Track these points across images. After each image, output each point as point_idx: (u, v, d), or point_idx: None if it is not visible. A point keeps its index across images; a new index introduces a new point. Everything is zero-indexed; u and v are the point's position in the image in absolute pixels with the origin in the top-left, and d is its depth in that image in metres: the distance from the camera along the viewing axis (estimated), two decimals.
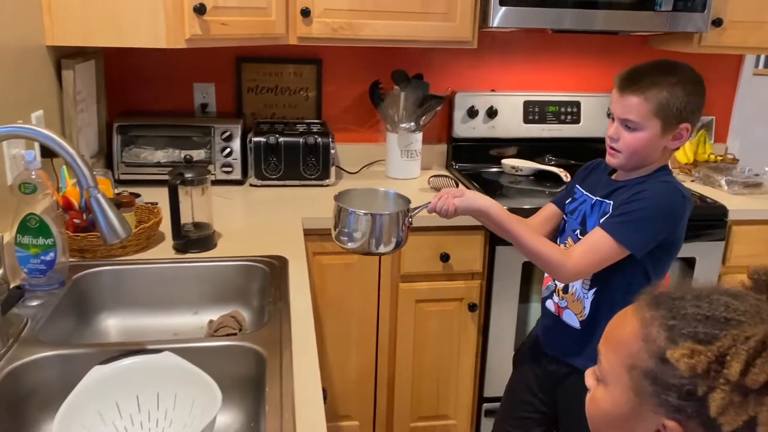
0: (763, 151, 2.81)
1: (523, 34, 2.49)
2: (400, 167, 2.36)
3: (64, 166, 1.60)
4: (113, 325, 1.48)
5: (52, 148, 1.01)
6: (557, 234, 1.56)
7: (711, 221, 2.13)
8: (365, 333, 2.07)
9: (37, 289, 1.35)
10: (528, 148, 2.52)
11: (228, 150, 2.18)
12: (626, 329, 0.68)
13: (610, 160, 1.41)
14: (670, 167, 1.43)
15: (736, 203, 2.17)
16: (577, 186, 1.54)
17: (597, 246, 1.34)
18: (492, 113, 2.47)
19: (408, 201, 1.47)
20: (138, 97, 2.34)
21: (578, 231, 1.46)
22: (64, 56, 1.80)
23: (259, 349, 1.16)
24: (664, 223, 1.35)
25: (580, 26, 2.13)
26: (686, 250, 2.09)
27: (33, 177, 1.32)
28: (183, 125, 2.20)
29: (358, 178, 2.40)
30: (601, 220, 1.39)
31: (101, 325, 1.47)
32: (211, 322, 1.46)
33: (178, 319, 1.51)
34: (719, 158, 2.52)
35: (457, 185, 2.22)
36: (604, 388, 0.70)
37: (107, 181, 1.65)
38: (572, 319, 1.48)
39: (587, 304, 1.45)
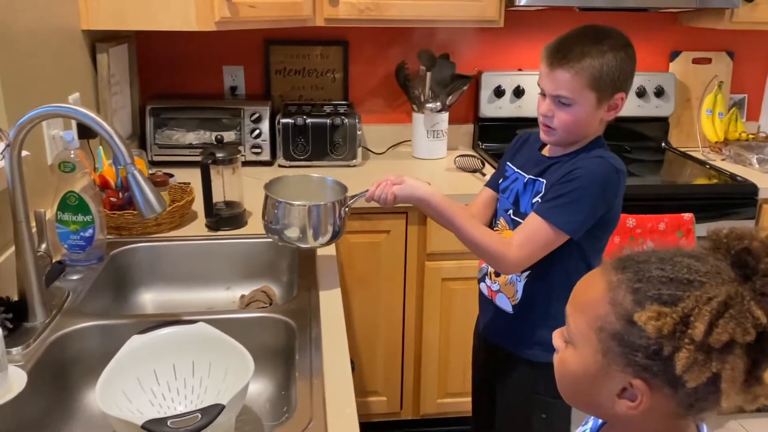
0: None
1: (550, 13, 2.47)
2: (426, 148, 2.37)
3: (101, 147, 1.66)
4: (149, 299, 1.54)
5: (91, 126, 1.06)
6: None
7: (741, 199, 2.10)
8: (392, 311, 2.10)
9: (76, 264, 1.41)
10: None
11: (257, 131, 2.22)
12: (593, 292, 0.70)
13: (545, 137, 1.34)
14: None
15: (767, 181, 2.14)
16: (507, 163, 1.47)
17: (535, 234, 1.28)
18: (519, 93, 2.46)
19: (345, 189, 1.40)
20: (169, 80, 2.39)
21: (510, 211, 1.40)
22: (98, 40, 1.85)
23: (289, 320, 1.21)
24: (599, 200, 1.27)
25: (609, 3, 2.12)
26: (712, 228, 2.09)
27: (72, 156, 1.37)
28: (213, 107, 2.24)
29: (385, 158, 2.42)
30: (535, 203, 1.33)
31: (138, 299, 1.52)
32: (242, 296, 1.51)
33: (211, 294, 1.56)
34: (751, 136, 2.48)
35: (483, 165, 2.23)
36: (572, 350, 0.72)
37: (142, 161, 1.70)
38: (505, 303, 1.43)
39: (520, 287, 1.39)
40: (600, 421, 0.80)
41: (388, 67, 2.43)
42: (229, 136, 2.23)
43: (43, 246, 1.28)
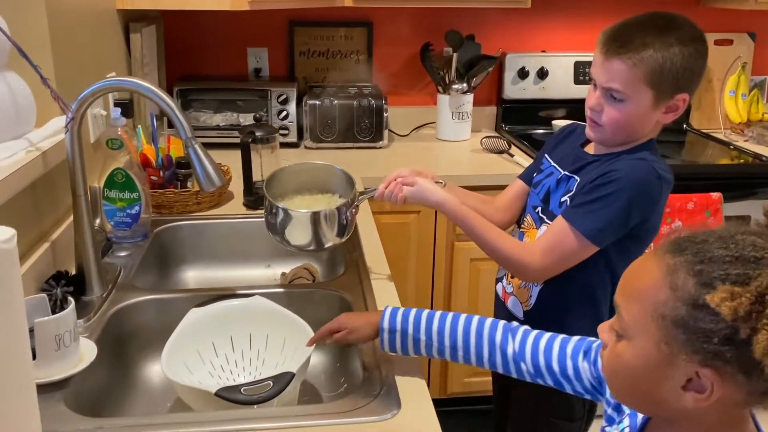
0: None
1: None
2: (450, 129, 2.38)
3: (140, 126, 1.66)
4: (192, 276, 1.55)
5: (153, 100, 1.07)
6: None
7: (766, 179, 2.12)
8: (421, 290, 2.11)
9: (122, 241, 1.42)
10: (578, 109, 2.47)
11: (284, 113, 2.23)
12: (647, 278, 0.65)
13: (590, 134, 1.20)
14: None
15: None
16: (546, 156, 1.34)
17: (560, 240, 1.15)
18: (543, 74, 2.47)
19: (352, 182, 1.28)
20: (193, 62, 2.38)
21: (539, 209, 1.28)
22: (130, 20, 1.85)
23: (344, 293, 1.22)
24: (634, 207, 1.12)
25: None
26: (741, 208, 2.11)
27: (119, 133, 1.37)
28: (240, 89, 2.24)
29: (409, 140, 2.43)
30: (563, 201, 1.21)
31: (181, 276, 1.53)
32: (283, 274, 1.52)
33: (252, 272, 1.57)
34: None
35: (510, 146, 2.24)
36: (627, 343, 0.66)
37: (179, 141, 1.70)
38: (517, 308, 1.31)
39: (534, 293, 1.27)
40: (640, 417, 0.75)
41: (412, 48, 2.43)
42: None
43: (97, 221, 1.29)
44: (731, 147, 2.34)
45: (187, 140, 1.09)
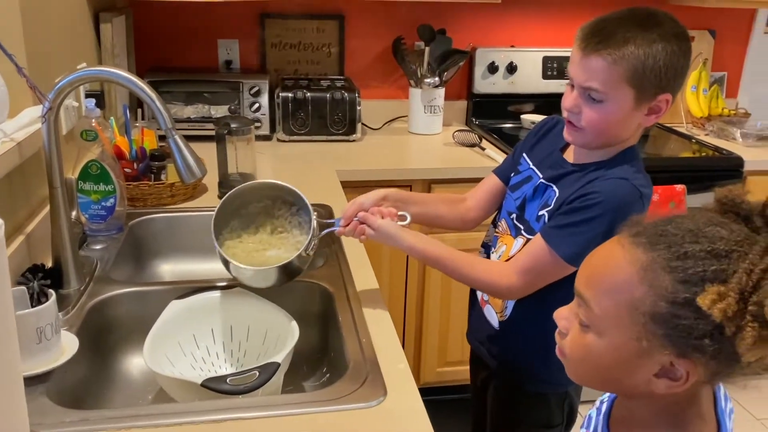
0: None
1: None
2: (422, 123, 2.40)
3: (112, 118, 1.64)
4: (167, 270, 1.53)
5: (132, 90, 1.06)
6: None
7: (728, 171, 2.20)
8: (395, 282, 2.13)
9: (97, 234, 1.40)
10: (547, 104, 2.56)
11: (257, 105, 2.21)
12: (620, 273, 0.65)
13: (569, 137, 1.14)
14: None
15: (750, 155, 2.23)
16: (524, 156, 1.28)
17: (538, 260, 1.12)
18: (512, 69, 2.51)
19: (309, 212, 1.16)
20: (163, 53, 2.35)
21: (515, 216, 1.25)
22: (100, 10, 1.82)
23: (325, 285, 1.23)
24: (616, 229, 1.06)
25: None
26: (703, 199, 2.17)
27: (93, 125, 1.35)
28: (212, 81, 2.22)
29: (382, 133, 2.44)
30: (542, 215, 1.17)
31: (157, 269, 1.52)
32: None
33: None
34: (732, 112, 2.58)
35: (481, 140, 2.27)
36: (596, 336, 0.67)
37: (152, 132, 1.69)
38: (492, 317, 1.29)
39: (510, 305, 1.24)
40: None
41: (384, 42, 2.44)
42: (226, 110, 2.22)
43: (74, 213, 1.27)
44: (693, 141, 2.41)
45: (168, 131, 1.08)
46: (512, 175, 1.30)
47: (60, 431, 0.81)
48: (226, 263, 1.13)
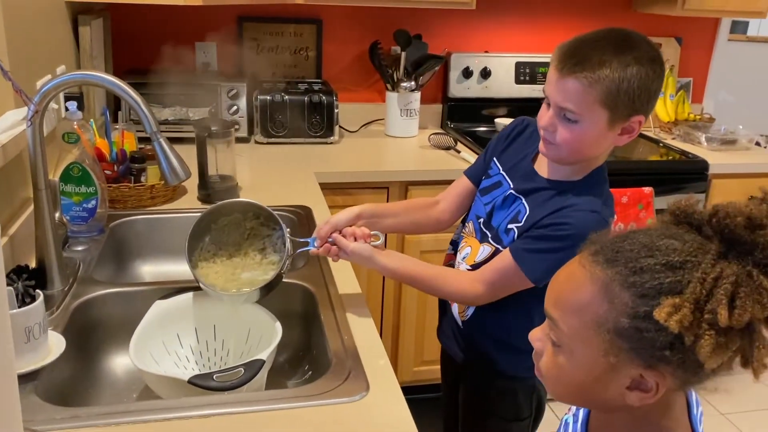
0: (734, 112, 2.97)
1: None
2: (399, 126, 2.44)
3: (92, 120, 1.65)
4: (148, 271, 1.55)
5: (117, 93, 1.08)
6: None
7: (693, 174, 2.28)
8: (372, 282, 2.17)
9: (78, 236, 1.41)
10: (519, 108, 2.62)
11: (235, 108, 2.23)
12: (583, 292, 0.67)
13: (544, 151, 1.16)
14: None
15: (715, 158, 2.32)
16: (495, 160, 1.31)
17: (506, 275, 1.17)
18: (486, 74, 2.56)
19: (282, 230, 1.16)
20: (140, 55, 2.35)
21: (482, 221, 1.29)
22: (78, 13, 1.82)
23: (306, 285, 1.26)
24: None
25: None
26: (670, 202, 2.25)
27: (75, 127, 1.37)
28: (190, 83, 2.23)
29: (359, 136, 2.47)
30: (510, 229, 1.20)
31: (138, 270, 1.53)
32: None
33: None
34: (698, 117, 2.67)
35: (456, 143, 2.31)
36: (568, 353, 0.69)
37: (131, 135, 1.70)
38: (457, 316, 1.35)
39: (471, 307, 1.30)
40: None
41: (361, 46, 2.48)
42: (204, 112, 2.23)
43: (57, 215, 1.28)
44: (660, 144, 2.49)
45: (153, 134, 1.10)
46: (483, 178, 1.34)
47: (51, 428, 0.83)
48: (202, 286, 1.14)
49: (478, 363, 1.35)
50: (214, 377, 0.96)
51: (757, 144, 2.54)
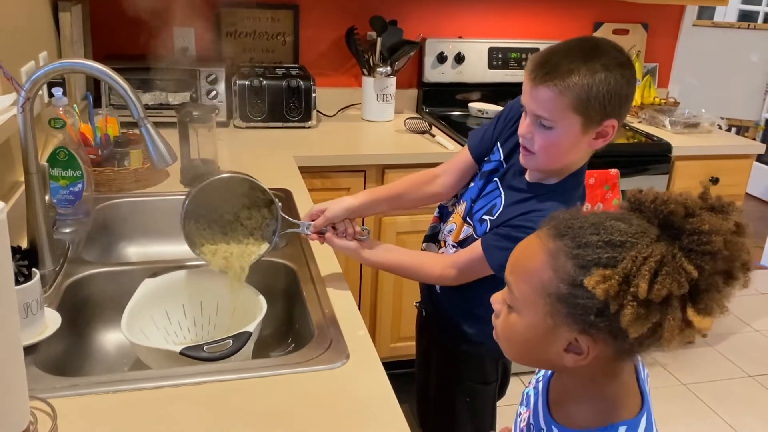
0: (699, 96, 3.09)
1: None
2: (375, 110, 2.50)
3: (75, 105, 1.68)
4: (134, 252, 1.60)
5: (105, 80, 1.12)
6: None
7: (657, 156, 2.38)
8: (350, 262, 2.23)
9: (65, 219, 1.46)
10: (492, 92, 2.70)
11: (214, 92, 2.27)
12: (534, 260, 0.75)
13: (524, 162, 1.22)
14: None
15: (678, 141, 2.42)
16: (498, 145, 1.35)
17: (476, 263, 1.25)
18: (459, 59, 2.63)
19: (271, 202, 1.22)
20: (118, 40, 2.37)
21: (471, 205, 1.36)
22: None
23: (288, 263, 1.32)
24: None
25: None
26: (635, 183, 2.35)
27: (60, 113, 1.41)
28: (169, 68, 2.26)
29: (336, 120, 2.53)
30: (484, 219, 1.29)
31: (123, 251, 1.58)
32: None
33: None
34: (663, 101, 2.77)
35: (431, 127, 2.38)
36: (518, 315, 0.77)
37: (114, 120, 1.74)
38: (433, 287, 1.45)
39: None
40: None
41: (338, 32, 2.53)
42: (184, 97, 2.27)
43: (47, 198, 1.32)
44: (627, 128, 2.59)
45: (140, 120, 1.15)
46: (485, 160, 1.38)
47: (54, 395, 0.89)
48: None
49: (448, 330, 1.44)
50: (205, 348, 1.03)
51: (719, 127, 2.65)
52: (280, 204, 1.23)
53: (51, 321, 1.05)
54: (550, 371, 0.89)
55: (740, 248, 0.69)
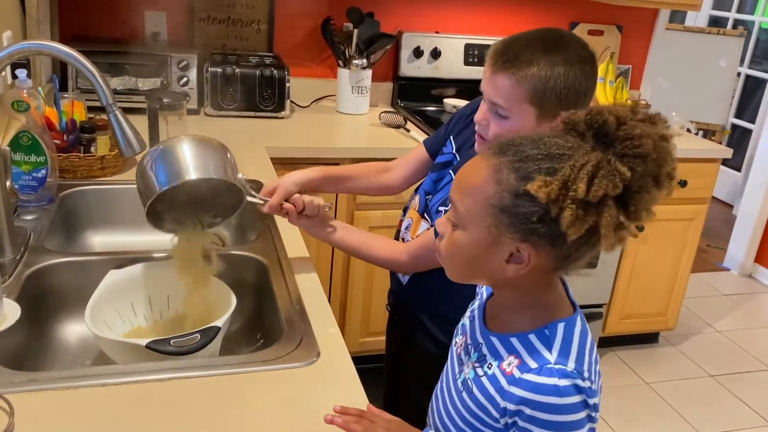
0: (669, 98, 3.13)
1: None
2: (350, 103, 2.47)
3: (40, 88, 1.63)
4: (98, 241, 1.55)
5: (72, 63, 1.08)
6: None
7: None
8: (321, 256, 2.22)
9: (27, 205, 1.41)
10: (467, 89, 2.70)
11: (185, 79, 2.22)
12: (478, 177, 0.78)
13: (479, 149, 1.19)
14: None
15: None
16: (451, 138, 1.36)
17: (428, 252, 1.21)
18: (436, 54, 2.62)
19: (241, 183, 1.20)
20: (87, 22, 2.31)
21: (429, 197, 1.36)
22: None
23: (259, 257, 1.30)
24: None
25: None
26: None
27: (24, 96, 1.35)
28: (139, 53, 2.20)
29: (310, 111, 2.50)
30: (440, 210, 1.28)
31: (87, 240, 1.54)
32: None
33: (158, 237, 1.58)
34: (634, 103, 2.80)
35: (406, 121, 2.37)
36: (462, 231, 0.80)
37: (81, 105, 1.69)
38: (402, 278, 1.41)
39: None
40: (485, 295, 0.92)
41: (314, 21, 2.49)
42: (154, 83, 2.21)
43: (8, 183, 1.27)
44: None
45: (108, 106, 1.12)
46: (439, 153, 1.38)
47: (11, 390, 0.85)
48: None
49: (416, 331, 1.42)
50: (171, 342, 1.00)
51: (688, 131, 2.69)
52: (243, 176, 1.20)
53: (10, 312, 1.01)
54: (483, 301, 0.92)
55: (667, 154, 0.76)
